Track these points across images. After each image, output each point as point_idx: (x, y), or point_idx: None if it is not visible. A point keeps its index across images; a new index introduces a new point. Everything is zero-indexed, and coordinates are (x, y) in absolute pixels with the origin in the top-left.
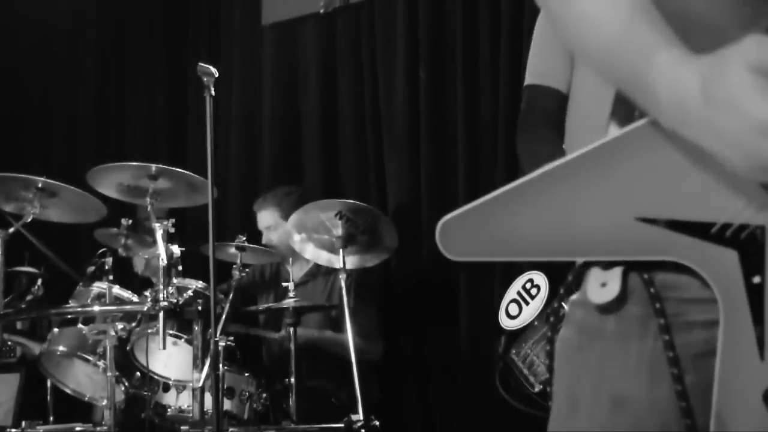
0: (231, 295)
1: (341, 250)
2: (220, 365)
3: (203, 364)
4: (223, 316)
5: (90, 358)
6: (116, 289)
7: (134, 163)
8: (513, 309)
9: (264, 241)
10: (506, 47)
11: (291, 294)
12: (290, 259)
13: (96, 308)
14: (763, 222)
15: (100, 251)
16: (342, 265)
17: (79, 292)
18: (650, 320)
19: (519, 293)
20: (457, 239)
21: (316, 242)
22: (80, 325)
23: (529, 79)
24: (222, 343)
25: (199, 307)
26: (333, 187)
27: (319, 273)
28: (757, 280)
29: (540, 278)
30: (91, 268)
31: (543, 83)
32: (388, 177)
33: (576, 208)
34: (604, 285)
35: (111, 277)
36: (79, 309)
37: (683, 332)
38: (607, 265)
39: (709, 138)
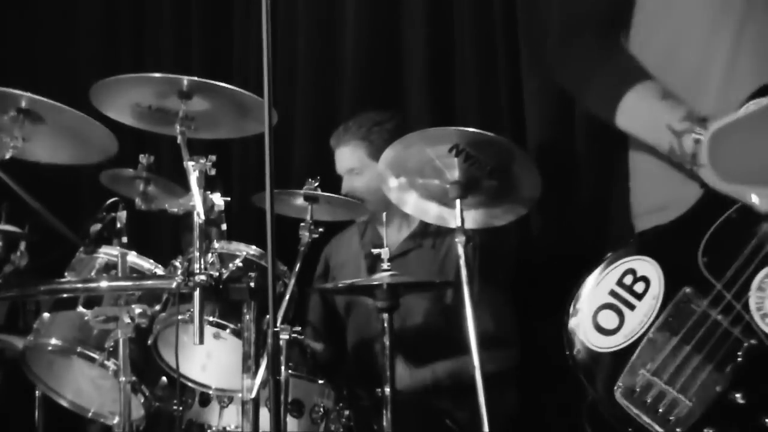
0: (299, 264)
1: (458, 202)
2: (283, 368)
3: (257, 367)
4: (287, 297)
5: (95, 355)
6: (132, 257)
7: (158, 75)
8: (608, 319)
9: (344, 190)
10: None
11: (385, 266)
12: (384, 215)
13: (104, 284)
14: None
15: (109, 202)
16: (459, 224)
17: (79, 260)
18: None
19: (615, 293)
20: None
21: (421, 190)
22: (81, 309)
23: None
24: (285, 336)
25: (252, 284)
26: (446, 112)
27: (427, 236)
28: None
29: (647, 266)
30: (97, 227)
31: None
32: (527, 97)
33: None
34: None
35: (125, 240)
36: (80, 285)
37: None
38: None
39: None
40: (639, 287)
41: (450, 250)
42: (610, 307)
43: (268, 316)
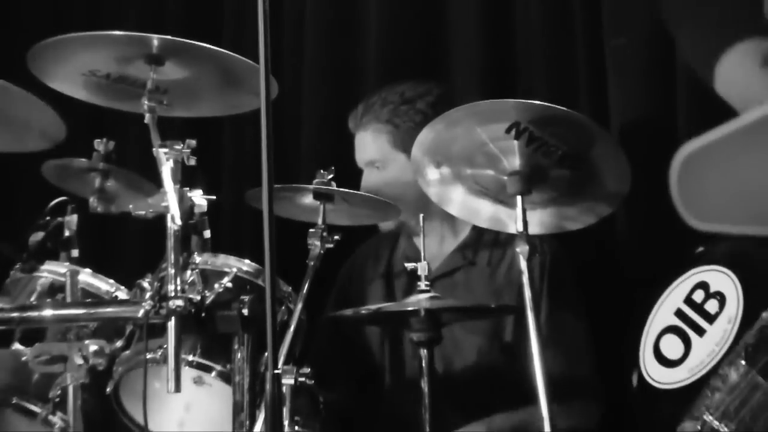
0: (307, 285)
1: (520, 199)
2: (287, 423)
3: (253, 421)
4: (292, 327)
5: (36, 408)
6: (86, 276)
7: (119, 33)
8: (671, 346)
9: (364, 186)
10: None
11: (423, 285)
12: (420, 218)
13: (47, 312)
14: None
15: (55, 203)
16: (522, 229)
17: (14, 281)
18: None
19: (682, 314)
20: (704, 195)
21: (469, 184)
22: (17, 345)
23: None
24: (290, 381)
25: (245, 311)
26: (503, 82)
27: (481, 247)
28: None
29: (723, 280)
30: (38, 237)
31: None
32: (610, 60)
33: None
34: None
35: (75, 253)
36: (16, 315)
37: None
38: None
39: None
40: (711, 306)
41: (512, 265)
42: (675, 331)
43: (266, 355)
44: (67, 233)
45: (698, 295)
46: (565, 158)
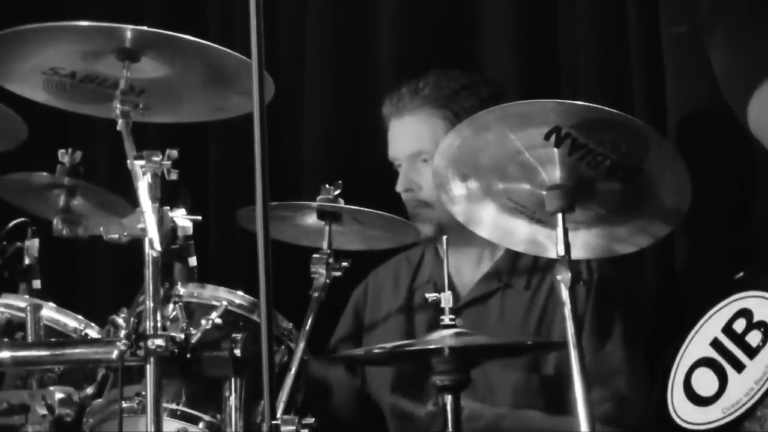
0: (310, 320)
1: (561, 218)
2: None
3: None
4: (293, 370)
5: None
6: (49, 311)
7: (85, 24)
8: (704, 381)
9: (402, 185)
10: None
11: (448, 318)
12: (444, 240)
13: (5, 354)
14: None
15: (12, 225)
16: (563, 254)
17: None
18: None
19: (719, 345)
20: None
21: (502, 200)
22: None
23: None
24: None
25: (237, 351)
26: (542, 79)
27: (518, 271)
28: None
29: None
30: None
31: None
32: (668, 55)
33: None
34: None
35: (37, 284)
36: None
37: None
38: None
39: None
40: (754, 338)
41: (553, 292)
42: (709, 365)
43: (263, 403)
44: (27, 261)
45: (739, 325)
46: (615, 169)
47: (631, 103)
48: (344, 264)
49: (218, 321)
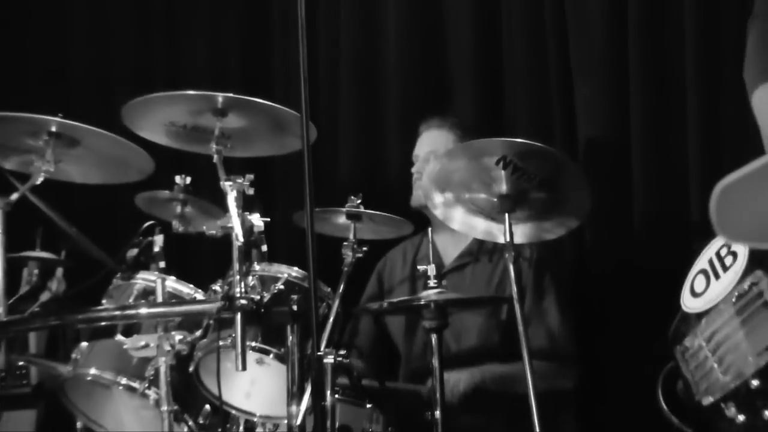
0: (342, 285)
1: (506, 216)
2: (329, 393)
3: (302, 393)
4: (331, 319)
5: (135, 385)
6: (171, 282)
7: (192, 93)
8: (699, 283)
9: (415, 169)
10: None
11: (434, 283)
12: (429, 230)
13: (142, 311)
14: None
15: (146, 226)
16: (508, 239)
17: (116, 287)
18: None
19: (711, 262)
20: (735, 215)
21: (467, 205)
22: (120, 337)
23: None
24: (330, 360)
25: (295, 306)
26: (493, 122)
27: (484, 250)
28: None
29: (741, 246)
30: (134, 252)
31: None
32: (578, 107)
33: None
34: None
35: (163, 264)
36: (118, 312)
37: None
38: None
39: None
40: (728, 260)
41: (505, 264)
42: (704, 273)
43: (311, 340)
44: (155, 249)
45: (723, 251)
46: (541, 184)
47: (553, 137)
48: (364, 249)
49: (281, 287)
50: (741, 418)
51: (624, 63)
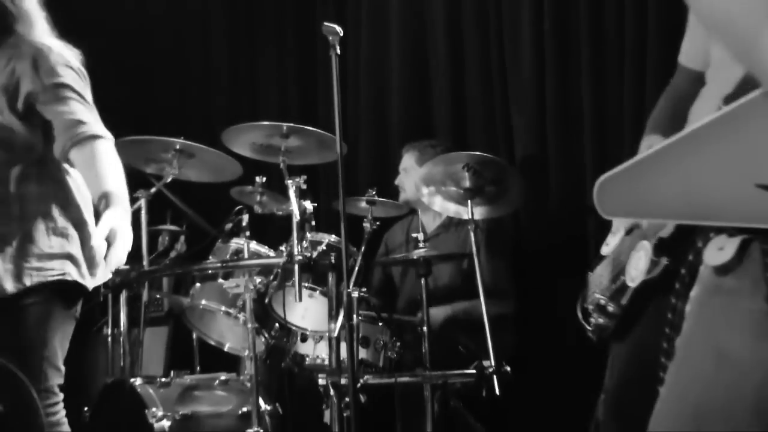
0: (363, 247)
1: (469, 202)
2: (355, 316)
3: (338, 315)
4: (356, 269)
5: (231, 311)
6: (253, 245)
7: (266, 123)
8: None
9: (396, 181)
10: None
11: (421, 245)
12: (419, 212)
13: (234, 264)
14: None
15: (237, 209)
16: (470, 216)
17: (218, 248)
18: (761, 286)
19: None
20: (608, 196)
21: (444, 194)
22: (221, 280)
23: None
24: (355, 294)
25: (332, 260)
26: (461, 140)
27: (452, 225)
28: None
29: None
30: (229, 225)
31: (682, 61)
32: (515, 129)
33: (707, 174)
34: (721, 249)
35: (248, 233)
36: (219, 265)
37: None
38: (732, 233)
39: None
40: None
41: (467, 233)
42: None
43: (344, 282)
44: (243, 224)
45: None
46: (492, 181)
47: (498, 150)
48: (377, 223)
49: (324, 248)
50: (601, 320)
51: (543, 97)
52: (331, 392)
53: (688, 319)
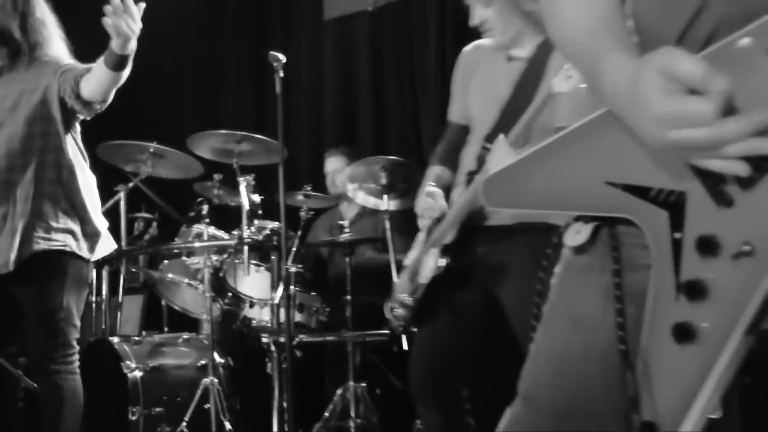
0: (299, 231)
1: (385, 196)
2: (292, 287)
3: (278, 286)
4: (293, 249)
5: (192, 283)
6: (211, 230)
7: (223, 131)
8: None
9: (328, 179)
10: None
11: (346, 231)
12: (345, 203)
13: (196, 244)
14: (685, 188)
15: (198, 200)
16: (386, 208)
17: (183, 232)
18: (609, 263)
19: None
20: (494, 191)
21: (365, 190)
22: (184, 258)
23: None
24: (293, 270)
25: (275, 242)
26: (380, 147)
27: (365, 214)
28: (678, 235)
29: None
30: (192, 213)
31: (451, 119)
32: (423, 138)
33: (568, 172)
34: (578, 233)
35: (207, 220)
36: (183, 245)
37: (632, 272)
38: (587, 220)
39: (633, 123)
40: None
41: (380, 220)
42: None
43: (283, 259)
44: (203, 212)
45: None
46: (403, 180)
47: (411, 155)
48: (311, 212)
49: (268, 232)
50: (403, 313)
51: (444, 113)
52: (273, 348)
53: (552, 290)
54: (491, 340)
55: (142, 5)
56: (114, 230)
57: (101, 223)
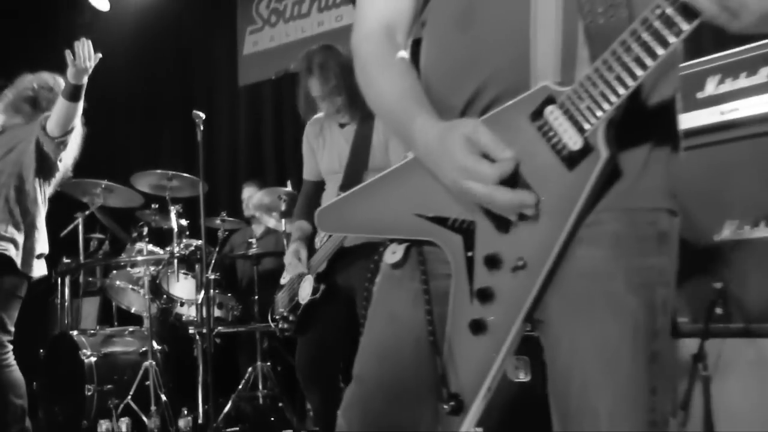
0: (217, 247)
1: (283, 220)
2: (212, 290)
3: (202, 290)
4: (212, 261)
5: (136, 288)
6: (150, 247)
7: (158, 171)
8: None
9: (245, 203)
10: None
11: (254, 246)
12: (254, 224)
13: (138, 258)
14: (474, 218)
15: (140, 224)
16: (284, 229)
17: (128, 249)
18: (418, 274)
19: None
20: (325, 219)
21: (270, 215)
22: (129, 268)
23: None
24: (212, 277)
25: (198, 256)
26: (282, 180)
27: (269, 233)
28: (470, 254)
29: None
30: (135, 234)
31: (306, 178)
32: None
33: (385, 205)
34: (394, 253)
35: (147, 239)
36: (128, 259)
37: (436, 280)
38: (401, 242)
39: (437, 170)
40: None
41: (281, 237)
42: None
43: (204, 269)
44: (144, 233)
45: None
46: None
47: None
48: (227, 232)
49: (193, 248)
50: (286, 326)
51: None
52: (198, 338)
53: (374, 296)
54: (354, 337)
55: (99, 55)
56: (73, 247)
57: (41, 248)
